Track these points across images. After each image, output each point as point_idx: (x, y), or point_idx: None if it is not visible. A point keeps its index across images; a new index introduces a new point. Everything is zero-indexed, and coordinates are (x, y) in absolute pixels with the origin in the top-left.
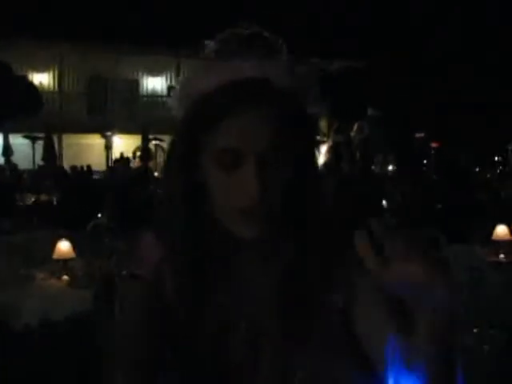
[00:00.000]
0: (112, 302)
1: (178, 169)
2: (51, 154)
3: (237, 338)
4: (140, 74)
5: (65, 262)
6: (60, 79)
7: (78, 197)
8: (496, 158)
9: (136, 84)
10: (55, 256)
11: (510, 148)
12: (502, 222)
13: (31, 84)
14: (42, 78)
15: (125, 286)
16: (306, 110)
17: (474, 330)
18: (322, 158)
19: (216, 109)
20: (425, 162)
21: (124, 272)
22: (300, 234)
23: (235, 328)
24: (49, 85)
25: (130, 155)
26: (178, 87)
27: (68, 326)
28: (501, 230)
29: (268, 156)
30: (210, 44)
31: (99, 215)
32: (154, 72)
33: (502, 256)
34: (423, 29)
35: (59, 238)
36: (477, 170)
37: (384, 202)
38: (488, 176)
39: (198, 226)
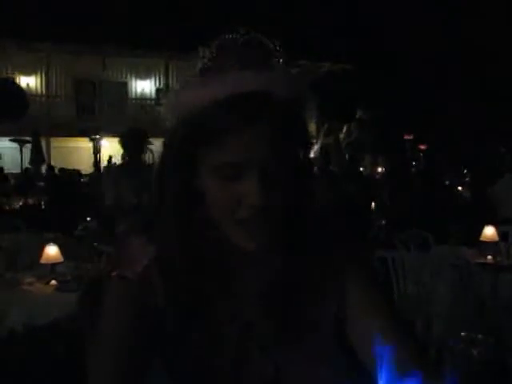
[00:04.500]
0: (98, 306)
1: (172, 177)
2: (39, 158)
3: (227, 342)
4: (128, 76)
5: (52, 266)
6: (47, 82)
7: (66, 200)
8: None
9: (124, 87)
10: (43, 260)
11: (502, 150)
12: (487, 222)
13: (18, 87)
14: (29, 81)
15: (112, 286)
16: (303, 118)
17: (462, 334)
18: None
19: (216, 123)
20: (414, 163)
21: (112, 273)
22: (294, 238)
23: (226, 331)
24: (36, 88)
25: (119, 158)
26: (171, 96)
27: (54, 330)
28: (489, 232)
29: (270, 168)
30: (205, 52)
31: (88, 219)
32: (143, 75)
33: (489, 257)
34: (412, 31)
35: (47, 241)
36: (465, 171)
37: (373, 203)
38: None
39: (191, 231)
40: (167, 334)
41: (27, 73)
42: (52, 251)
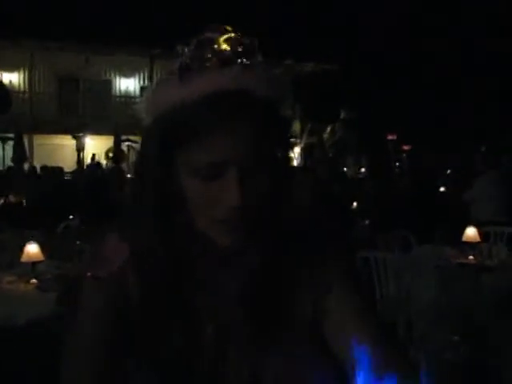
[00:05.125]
0: (75, 306)
1: (148, 175)
2: (21, 155)
3: (203, 342)
4: (112, 74)
5: (33, 265)
6: (31, 79)
7: (49, 198)
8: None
9: (108, 84)
10: (23, 259)
11: (481, 150)
12: (467, 223)
13: (1, 83)
14: (12, 78)
15: (87, 287)
16: (283, 116)
17: (437, 335)
18: (295, 159)
19: (194, 122)
20: (397, 164)
21: (87, 273)
22: (270, 238)
23: (202, 333)
24: (19, 85)
25: (103, 156)
26: (148, 93)
27: (34, 329)
28: (470, 232)
29: (249, 167)
30: (184, 50)
31: (71, 217)
32: (127, 72)
33: (471, 258)
34: (397, 30)
35: (28, 240)
36: (448, 172)
37: (355, 203)
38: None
39: (168, 230)
40: (144, 333)
41: (10, 70)
42: (33, 249)
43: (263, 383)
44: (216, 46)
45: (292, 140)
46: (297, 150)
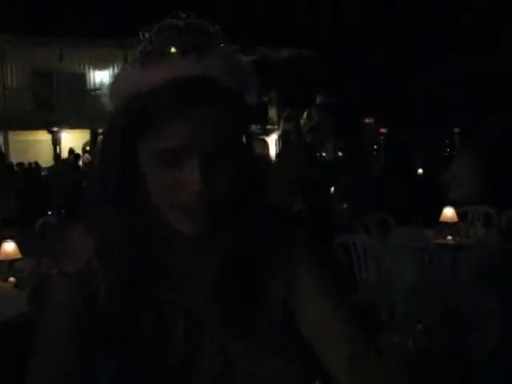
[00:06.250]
0: (44, 304)
1: (111, 163)
2: None
3: (175, 334)
4: (86, 67)
5: (11, 263)
6: (3, 73)
7: (26, 194)
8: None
9: (83, 77)
10: (0, 257)
11: (456, 131)
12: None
13: None
14: None
15: (54, 284)
16: (246, 103)
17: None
18: (272, 146)
19: (156, 109)
20: (375, 147)
21: (53, 269)
22: (239, 225)
23: (174, 324)
24: None
25: (80, 150)
26: (112, 82)
27: (10, 327)
28: (448, 212)
29: (210, 153)
30: (146, 36)
31: (49, 213)
32: (101, 65)
33: (449, 238)
34: (373, 15)
35: (5, 238)
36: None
37: (332, 188)
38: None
39: (132, 218)
40: (113, 327)
41: None
42: (9, 248)
43: (237, 374)
44: (177, 33)
45: (269, 127)
46: (274, 136)
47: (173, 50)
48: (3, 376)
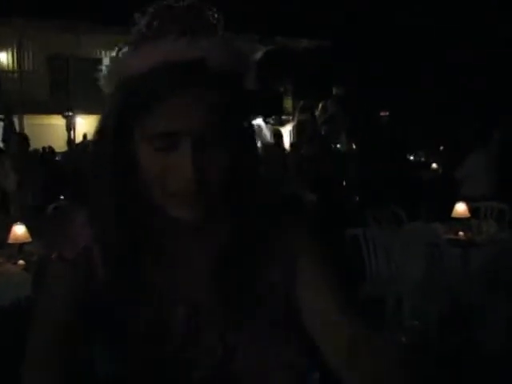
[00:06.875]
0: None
1: (108, 149)
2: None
3: (174, 322)
4: (102, 52)
5: (20, 246)
6: (19, 58)
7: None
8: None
9: (98, 63)
10: (10, 240)
11: (470, 127)
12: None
13: None
14: (0, 57)
15: (51, 268)
16: (243, 90)
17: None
18: (287, 136)
19: (150, 92)
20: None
21: (52, 254)
22: (237, 212)
23: (172, 311)
24: (8, 64)
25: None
26: (108, 64)
27: (19, 310)
28: (460, 208)
29: (205, 138)
30: (141, 18)
31: (62, 197)
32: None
33: (460, 233)
34: (390, 8)
35: (15, 221)
36: (441, 148)
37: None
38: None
39: (130, 207)
40: (112, 314)
41: None
42: (20, 231)
43: (236, 361)
44: (172, 15)
45: (284, 117)
46: (289, 127)
47: (167, 32)
48: (10, 358)
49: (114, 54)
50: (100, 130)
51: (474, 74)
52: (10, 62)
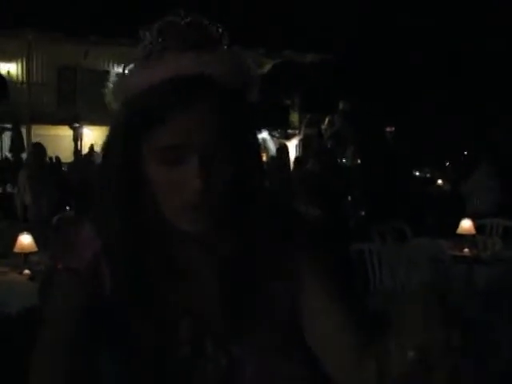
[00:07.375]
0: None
1: (116, 163)
2: (19, 146)
3: (179, 334)
4: (110, 64)
5: (26, 256)
6: (28, 69)
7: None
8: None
9: (106, 75)
10: (16, 249)
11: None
12: (463, 215)
13: None
14: (10, 68)
15: (58, 279)
16: (248, 103)
17: None
18: (292, 150)
19: (156, 106)
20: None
21: (59, 264)
22: (244, 225)
23: (177, 324)
24: (17, 75)
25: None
26: (115, 80)
27: (24, 319)
28: (465, 225)
29: (211, 152)
30: (146, 34)
31: (68, 208)
32: (125, 63)
33: (466, 250)
34: (397, 24)
35: (21, 231)
36: (447, 164)
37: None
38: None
39: (136, 219)
40: (117, 324)
41: (8, 60)
42: (26, 240)
43: (241, 374)
44: (177, 31)
45: (290, 131)
46: (295, 141)
47: (172, 48)
48: (15, 368)
49: (120, 70)
50: (108, 144)
51: (482, 93)
52: (20, 73)
